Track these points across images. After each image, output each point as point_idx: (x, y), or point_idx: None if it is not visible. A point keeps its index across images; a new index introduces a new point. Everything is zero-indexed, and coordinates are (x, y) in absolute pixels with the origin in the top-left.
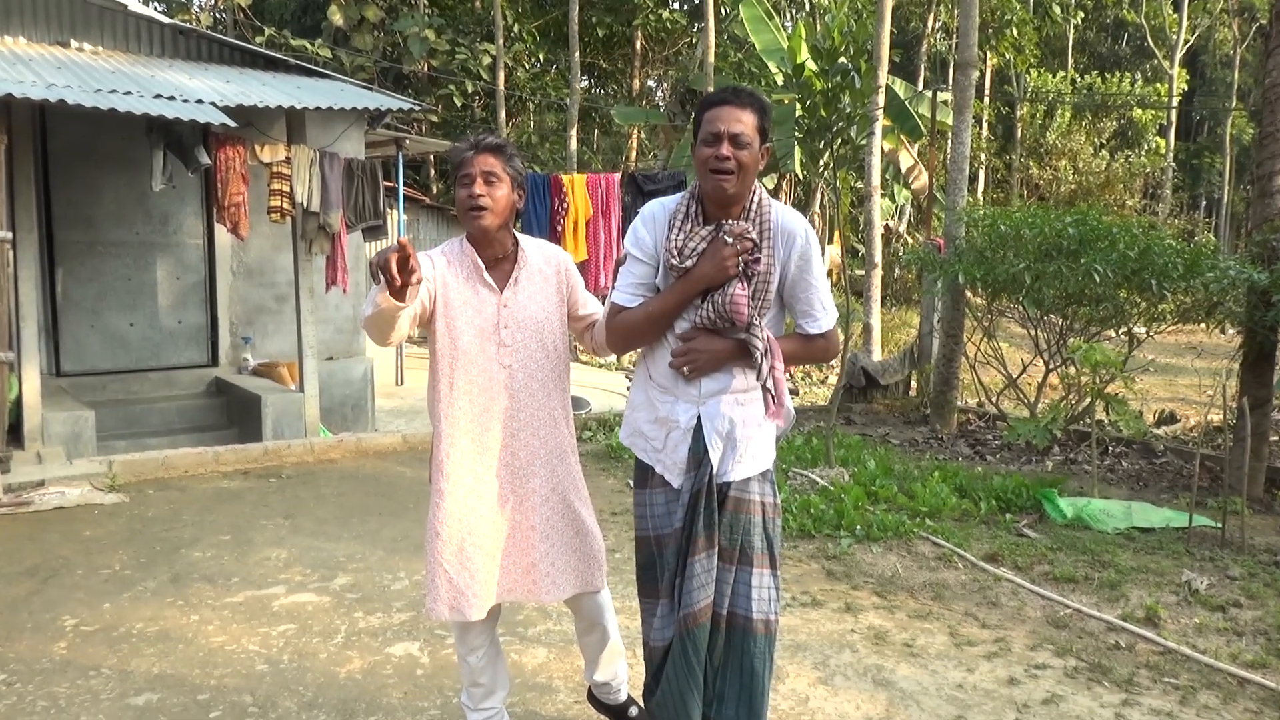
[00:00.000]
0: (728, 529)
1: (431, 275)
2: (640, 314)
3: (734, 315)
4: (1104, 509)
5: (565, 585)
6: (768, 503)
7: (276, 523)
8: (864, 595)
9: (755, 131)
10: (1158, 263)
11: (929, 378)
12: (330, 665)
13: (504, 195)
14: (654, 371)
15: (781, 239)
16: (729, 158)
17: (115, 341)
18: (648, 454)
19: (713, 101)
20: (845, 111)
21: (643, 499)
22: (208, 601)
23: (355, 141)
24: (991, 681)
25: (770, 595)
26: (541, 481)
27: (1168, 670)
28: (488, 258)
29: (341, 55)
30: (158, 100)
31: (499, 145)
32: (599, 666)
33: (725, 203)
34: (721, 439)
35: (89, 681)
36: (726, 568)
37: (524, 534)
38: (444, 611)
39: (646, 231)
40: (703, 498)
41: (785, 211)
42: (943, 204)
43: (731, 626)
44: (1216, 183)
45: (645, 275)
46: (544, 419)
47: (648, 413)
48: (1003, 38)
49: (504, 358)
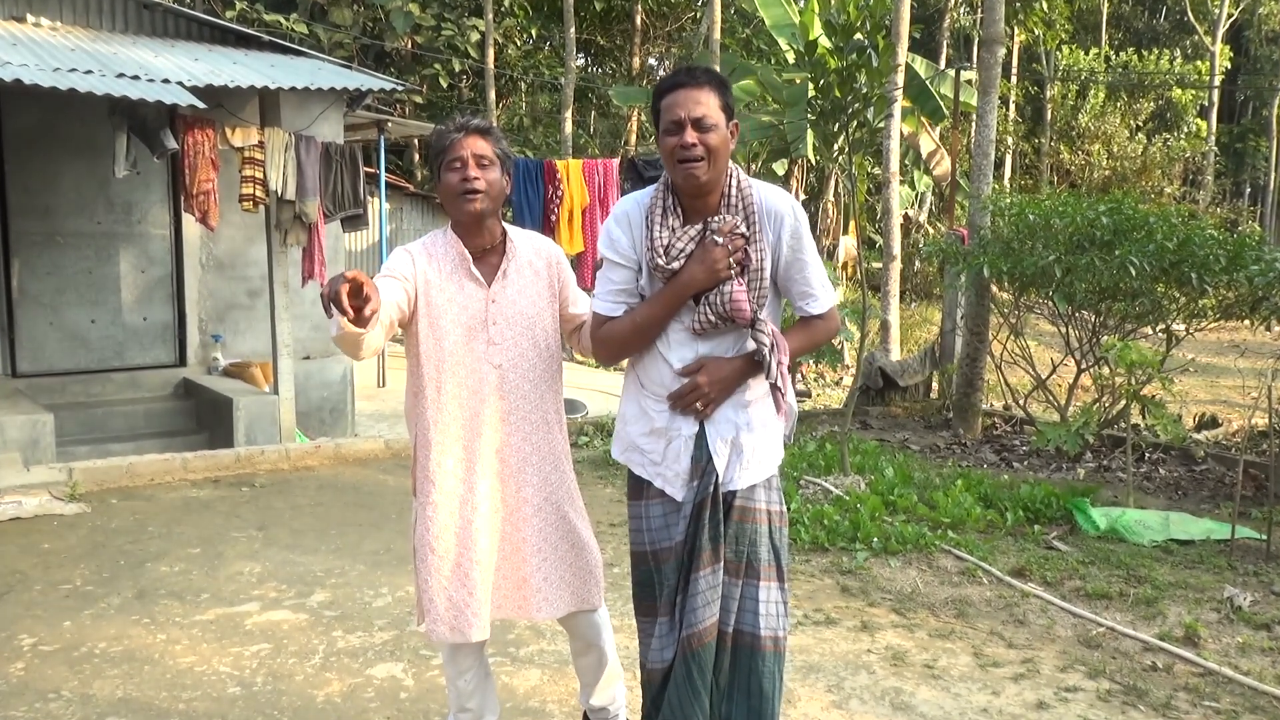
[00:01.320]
0: (733, 540)
1: (411, 274)
2: (627, 324)
3: (736, 315)
4: (1140, 520)
5: (560, 602)
6: (774, 511)
7: (249, 535)
8: (881, 613)
9: (719, 110)
10: (1198, 254)
11: (951, 379)
12: (307, 688)
13: (496, 179)
14: (645, 380)
15: (769, 221)
16: (695, 144)
17: (75, 340)
18: (645, 469)
19: (666, 87)
20: (861, 92)
21: (638, 511)
22: (175, 619)
23: (334, 124)
24: (1019, 705)
25: (779, 610)
26: (534, 490)
27: (1208, 693)
28: (475, 249)
29: (319, 31)
30: (121, 80)
31: (487, 128)
32: (595, 690)
33: (699, 192)
34: (727, 445)
35: (48, 705)
36: (732, 582)
37: (515, 547)
38: (445, 633)
39: (622, 232)
40: (707, 508)
41: (767, 190)
42: (966, 191)
43: (738, 645)
44: (1262, 168)
45: (626, 280)
46: (536, 423)
47: (642, 425)
48: (1031, 12)
49: (493, 356)
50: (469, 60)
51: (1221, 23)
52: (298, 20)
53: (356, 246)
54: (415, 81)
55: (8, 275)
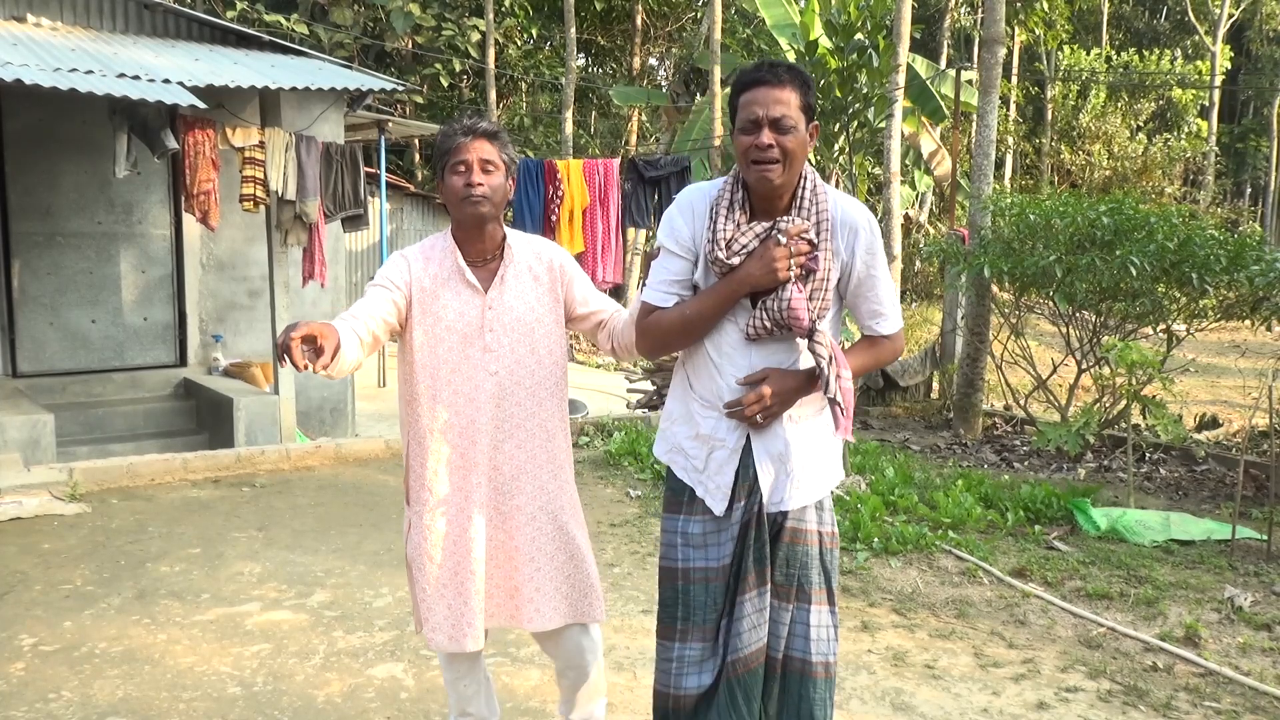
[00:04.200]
0: (783, 563)
1: (405, 282)
2: (675, 316)
3: (792, 322)
4: (1140, 520)
5: (553, 614)
6: (825, 532)
7: (250, 535)
8: (882, 613)
9: (800, 111)
10: (1199, 255)
11: (952, 379)
12: (308, 688)
13: (500, 184)
14: (695, 381)
15: (842, 233)
16: (771, 145)
17: (76, 340)
18: (687, 473)
19: (747, 83)
20: (862, 92)
21: (674, 525)
22: (176, 619)
23: (334, 124)
24: (1019, 706)
25: (830, 635)
26: (527, 499)
27: (1209, 694)
28: (474, 254)
29: (319, 31)
30: (121, 80)
31: (494, 131)
32: (575, 705)
33: (771, 195)
34: (774, 462)
35: (48, 705)
36: (781, 606)
37: (507, 555)
38: (444, 641)
39: (684, 222)
40: (752, 528)
41: (845, 200)
42: (967, 191)
43: (788, 671)
44: (1263, 168)
45: (682, 271)
46: (533, 430)
47: (688, 427)
48: (1032, 12)
49: (490, 364)
50: (469, 60)
51: (1222, 23)
52: (298, 20)
53: (357, 246)
54: (416, 81)
55: (8, 275)
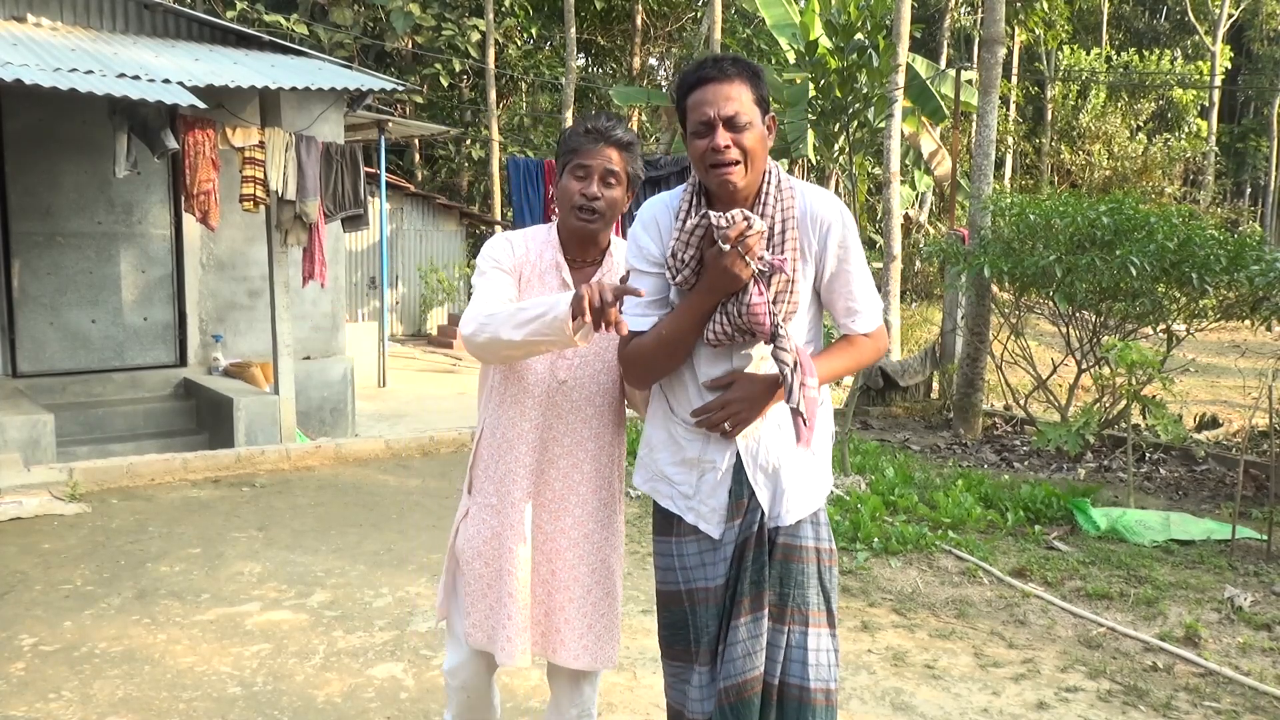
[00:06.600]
0: (777, 582)
1: (512, 265)
2: (651, 340)
3: (754, 326)
4: (1140, 520)
5: (582, 654)
6: (823, 549)
7: (250, 535)
8: (882, 613)
9: (753, 105)
10: (1199, 254)
11: (952, 379)
12: (307, 688)
13: (617, 198)
14: (675, 405)
15: (812, 227)
16: (728, 145)
17: (76, 340)
18: (674, 501)
19: (693, 83)
20: (862, 92)
21: (668, 549)
22: (176, 619)
23: (334, 124)
24: (1019, 706)
25: (830, 660)
26: (574, 521)
27: (1209, 693)
28: (575, 253)
29: (319, 31)
30: (121, 80)
31: (628, 142)
32: None
33: (734, 198)
34: (768, 477)
35: (48, 705)
36: (777, 628)
37: (542, 579)
38: (482, 640)
39: (650, 238)
40: (750, 549)
41: (813, 194)
42: (967, 191)
43: (784, 699)
44: (1263, 168)
45: (657, 289)
46: (591, 448)
47: (671, 453)
48: (1032, 12)
49: (560, 371)
50: (469, 60)
51: (1222, 23)
52: (298, 20)
53: (357, 246)
54: (416, 81)
55: (8, 276)
